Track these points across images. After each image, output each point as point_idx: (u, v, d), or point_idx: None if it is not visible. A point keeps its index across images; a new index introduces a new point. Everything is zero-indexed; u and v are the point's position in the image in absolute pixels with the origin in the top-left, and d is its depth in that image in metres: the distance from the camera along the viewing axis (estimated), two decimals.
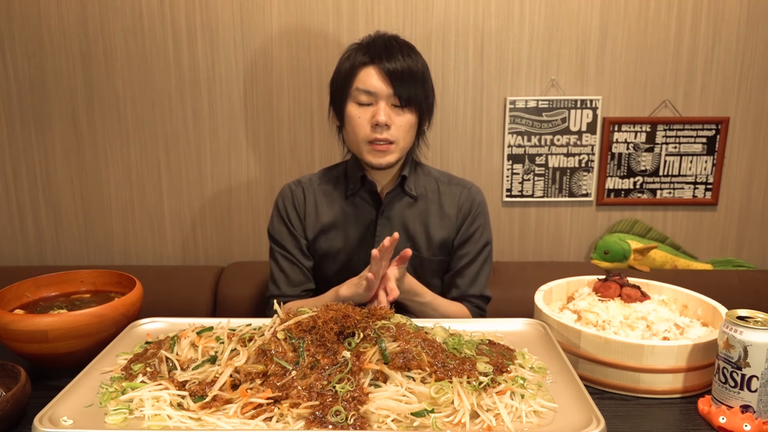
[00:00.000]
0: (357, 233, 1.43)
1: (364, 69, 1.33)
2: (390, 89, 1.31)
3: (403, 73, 1.31)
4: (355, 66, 1.33)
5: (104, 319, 1.07)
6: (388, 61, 1.31)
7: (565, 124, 1.96)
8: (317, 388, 0.82)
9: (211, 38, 1.90)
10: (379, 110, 1.31)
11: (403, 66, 1.31)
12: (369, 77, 1.32)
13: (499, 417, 0.80)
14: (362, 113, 1.33)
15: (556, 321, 1.07)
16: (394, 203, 1.43)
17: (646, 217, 2.05)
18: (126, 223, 2.04)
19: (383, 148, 1.33)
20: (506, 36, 1.91)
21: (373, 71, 1.32)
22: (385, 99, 1.32)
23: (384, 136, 1.32)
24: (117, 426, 0.80)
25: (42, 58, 1.91)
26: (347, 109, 1.35)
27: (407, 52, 1.35)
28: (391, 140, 1.33)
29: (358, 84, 1.33)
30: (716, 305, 1.11)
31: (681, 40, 1.92)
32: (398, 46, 1.35)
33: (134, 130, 1.97)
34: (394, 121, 1.33)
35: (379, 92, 1.31)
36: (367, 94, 1.32)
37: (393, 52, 1.33)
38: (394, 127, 1.33)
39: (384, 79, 1.31)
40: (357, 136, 1.35)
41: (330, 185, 1.47)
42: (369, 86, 1.31)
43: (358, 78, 1.33)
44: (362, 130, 1.33)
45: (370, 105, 1.33)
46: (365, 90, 1.32)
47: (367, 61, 1.32)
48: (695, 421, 0.92)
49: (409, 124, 1.35)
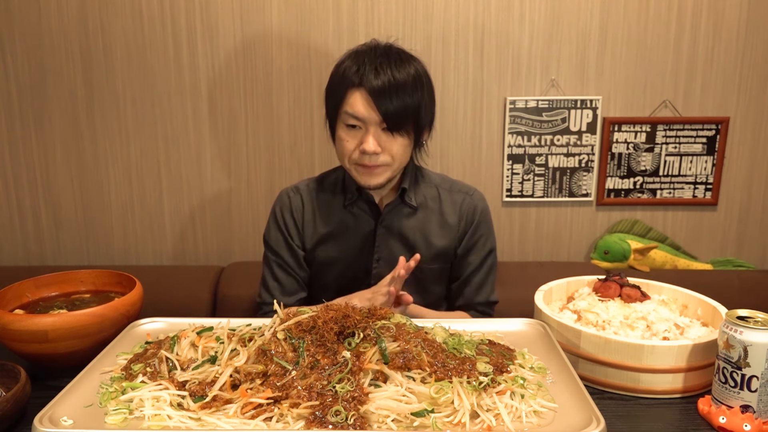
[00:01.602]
0: (356, 243, 1.41)
1: (352, 93, 1.26)
2: (378, 116, 1.25)
3: (391, 91, 1.24)
4: (344, 87, 1.28)
5: (104, 319, 1.07)
6: (375, 78, 1.25)
7: (565, 124, 1.96)
8: (317, 388, 0.82)
9: (211, 38, 1.90)
10: (367, 138, 1.26)
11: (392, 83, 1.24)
12: (357, 102, 1.26)
13: (499, 417, 0.80)
14: (350, 138, 1.29)
15: (556, 321, 1.07)
16: (393, 214, 1.40)
17: (646, 217, 2.05)
18: (126, 223, 2.04)
19: (371, 170, 1.30)
20: (506, 36, 1.91)
21: (359, 96, 1.25)
22: (375, 125, 1.26)
23: (372, 163, 1.28)
24: (117, 426, 0.79)
25: (42, 58, 1.91)
26: (337, 130, 1.32)
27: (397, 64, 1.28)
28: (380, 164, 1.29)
29: (347, 108, 1.27)
30: (716, 305, 1.11)
31: (681, 40, 1.92)
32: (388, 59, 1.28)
33: (134, 130, 1.96)
34: (385, 146, 1.28)
35: (367, 120, 1.26)
36: (356, 120, 1.27)
37: (382, 67, 1.26)
38: (385, 153, 1.28)
39: (371, 105, 1.25)
40: (345, 158, 1.31)
41: (328, 193, 1.44)
42: (357, 112, 1.26)
43: (346, 101, 1.27)
44: (351, 153, 1.29)
45: (360, 129, 1.28)
46: (353, 115, 1.27)
47: (356, 83, 1.26)
48: (695, 421, 0.92)
49: (402, 146, 1.30)
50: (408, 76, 1.27)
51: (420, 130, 1.32)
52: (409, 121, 1.28)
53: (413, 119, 1.28)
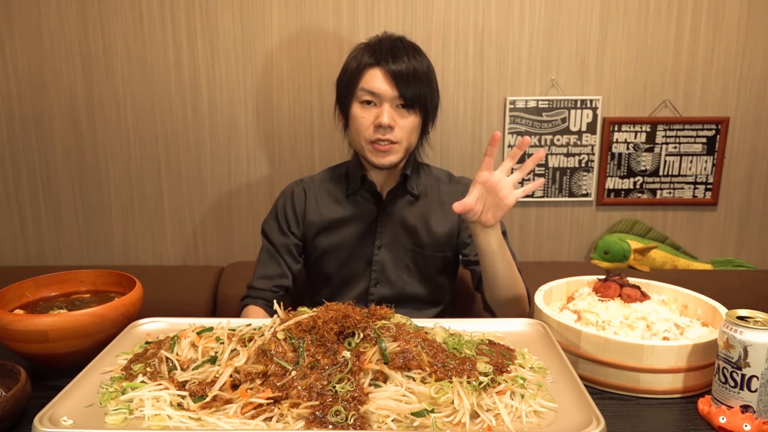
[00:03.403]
0: (358, 231, 1.44)
1: (370, 70, 1.33)
2: (395, 91, 1.31)
3: (408, 74, 1.32)
4: (361, 67, 1.34)
5: (104, 319, 1.07)
6: (393, 62, 1.32)
7: (565, 124, 1.96)
8: (317, 388, 0.82)
9: (211, 38, 1.90)
10: (382, 112, 1.32)
11: (408, 68, 1.32)
12: (374, 79, 1.32)
13: (499, 417, 0.80)
14: (366, 114, 1.34)
15: (556, 321, 1.07)
16: (395, 201, 1.44)
17: (646, 217, 2.05)
18: (126, 223, 2.04)
19: (385, 148, 1.34)
20: (506, 36, 1.91)
21: (378, 73, 1.32)
22: (390, 101, 1.32)
23: (387, 137, 1.33)
24: (117, 426, 0.79)
25: (42, 58, 1.91)
26: (352, 108, 1.36)
27: (413, 53, 1.36)
28: (394, 141, 1.33)
29: (363, 85, 1.33)
30: (716, 305, 1.11)
31: (681, 40, 1.92)
32: (404, 48, 1.35)
33: (134, 130, 1.96)
34: (398, 122, 1.33)
35: (383, 94, 1.32)
36: (372, 95, 1.33)
37: (398, 53, 1.33)
38: (397, 128, 1.33)
39: (389, 80, 1.31)
40: (360, 135, 1.36)
41: (332, 183, 1.49)
42: (374, 87, 1.32)
43: (363, 79, 1.34)
44: (366, 130, 1.34)
45: (375, 106, 1.33)
46: (370, 91, 1.32)
47: (373, 63, 1.33)
48: (695, 421, 0.92)
49: (413, 125, 1.35)
50: (422, 65, 1.35)
51: (426, 116, 1.39)
52: (422, 99, 1.35)
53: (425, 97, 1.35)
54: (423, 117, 1.38)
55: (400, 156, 1.37)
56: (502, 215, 1.19)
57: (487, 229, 1.21)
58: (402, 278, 1.45)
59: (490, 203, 1.18)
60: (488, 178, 1.17)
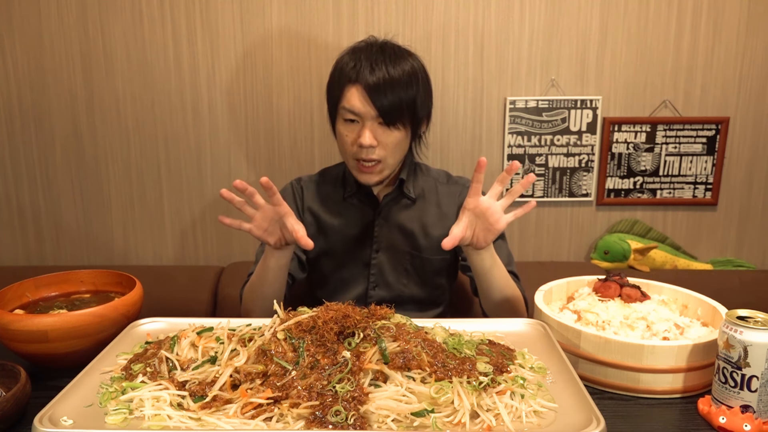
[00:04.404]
0: (354, 234, 1.44)
1: (349, 88, 1.31)
2: (373, 110, 1.29)
3: (385, 86, 1.28)
4: (342, 84, 1.32)
5: (104, 319, 1.07)
6: (371, 74, 1.28)
7: (565, 124, 1.96)
8: (317, 388, 0.82)
9: (211, 38, 1.90)
10: (363, 132, 1.30)
11: (385, 77, 1.28)
12: (353, 97, 1.30)
13: (499, 417, 0.80)
14: (349, 132, 1.33)
15: (556, 321, 1.07)
16: (391, 205, 1.43)
17: (646, 217, 2.05)
18: (126, 223, 2.04)
19: (369, 169, 1.33)
20: (506, 36, 1.91)
21: (356, 92, 1.29)
22: (371, 119, 1.30)
23: (370, 157, 1.31)
24: (117, 426, 0.79)
25: (42, 58, 1.91)
26: (337, 125, 1.37)
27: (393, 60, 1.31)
28: (377, 159, 1.32)
29: (345, 103, 1.31)
30: (716, 305, 1.11)
31: (681, 40, 1.92)
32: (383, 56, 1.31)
33: (134, 130, 1.96)
34: (381, 140, 1.31)
35: (363, 114, 1.30)
36: (353, 114, 1.31)
37: (377, 63, 1.30)
38: (380, 147, 1.31)
39: (367, 100, 1.28)
40: (346, 153, 1.36)
41: (329, 186, 1.48)
42: (354, 107, 1.30)
43: (344, 98, 1.32)
44: (350, 148, 1.34)
45: (357, 123, 1.32)
46: (350, 110, 1.31)
47: (353, 79, 1.30)
48: (695, 421, 0.92)
49: (396, 140, 1.33)
50: (403, 72, 1.30)
51: (417, 123, 1.36)
52: (405, 115, 1.31)
53: (409, 113, 1.32)
54: (412, 125, 1.35)
55: (386, 174, 1.36)
56: (492, 238, 1.19)
57: (480, 250, 1.22)
58: (401, 281, 1.45)
59: (481, 228, 1.18)
60: (477, 205, 1.16)
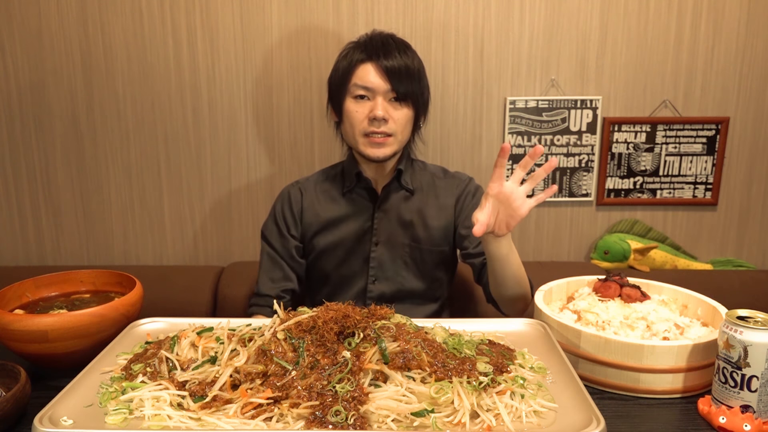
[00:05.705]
0: (355, 228, 1.45)
1: (362, 66, 1.35)
2: (387, 85, 1.34)
3: (400, 69, 1.34)
4: (353, 63, 1.36)
5: (104, 319, 1.07)
6: (385, 58, 1.34)
7: (565, 124, 1.96)
8: (317, 388, 0.82)
9: (211, 38, 1.90)
10: (376, 105, 1.34)
11: (400, 63, 1.34)
12: (367, 73, 1.34)
13: (499, 417, 0.80)
14: (360, 108, 1.36)
15: (556, 321, 1.07)
16: (390, 196, 1.45)
17: (646, 217, 2.05)
18: (126, 223, 2.04)
19: (380, 141, 1.36)
20: (506, 36, 1.91)
21: (370, 68, 1.34)
22: (383, 94, 1.34)
23: (381, 130, 1.35)
24: (117, 426, 0.79)
25: (42, 58, 1.91)
26: (345, 104, 1.38)
27: (403, 50, 1.38)
28: (388, 133, 1.35)
29: (356, 80, 1.35)
30: (716, 305, 1.11)
31: (681, 40, 1.92)
32: (395, 44, 1.38)
33: (134, 130, 1.96)
34: (392, 115, 1.35)
35: (376, 88, 1.34)
36: (365, 90, 1.35)
37: (390, 49, 1.36)
38: (391, 121, 1.35)
39: (381, 75, 1.33)
40: (354, 129, 1.37)
41: (328, 183, 1.50)
42: (367, 82, 1.34)
43: (356, 74, 1.35)
44: (360, 123, 1.36)
45: (368, 100, 1.35)
46: (363, 86, 1.35)
47: (365, 58, 1.35)
48: (695, 421, 0.92)
49: (406, 117, 1.38)
50: (413, 62, 1.38)
51: (418, 110, 1.41)
52: (415, 91, 1.37)
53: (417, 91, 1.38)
54: (415, 111, 1.40)
55: (395, 148, 1.38)
56: (515, 225, 1.18)
57: (499, 237, 1.21)
58: (400, 274, 1.46)
59: (504, 214, 1.17)
60: (500, 190, 1.16)
